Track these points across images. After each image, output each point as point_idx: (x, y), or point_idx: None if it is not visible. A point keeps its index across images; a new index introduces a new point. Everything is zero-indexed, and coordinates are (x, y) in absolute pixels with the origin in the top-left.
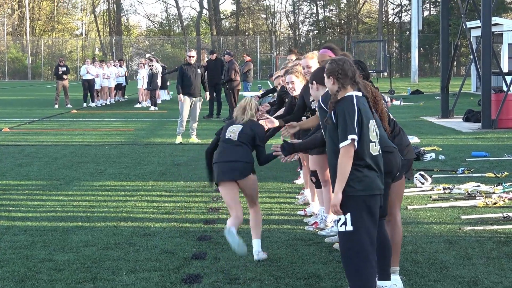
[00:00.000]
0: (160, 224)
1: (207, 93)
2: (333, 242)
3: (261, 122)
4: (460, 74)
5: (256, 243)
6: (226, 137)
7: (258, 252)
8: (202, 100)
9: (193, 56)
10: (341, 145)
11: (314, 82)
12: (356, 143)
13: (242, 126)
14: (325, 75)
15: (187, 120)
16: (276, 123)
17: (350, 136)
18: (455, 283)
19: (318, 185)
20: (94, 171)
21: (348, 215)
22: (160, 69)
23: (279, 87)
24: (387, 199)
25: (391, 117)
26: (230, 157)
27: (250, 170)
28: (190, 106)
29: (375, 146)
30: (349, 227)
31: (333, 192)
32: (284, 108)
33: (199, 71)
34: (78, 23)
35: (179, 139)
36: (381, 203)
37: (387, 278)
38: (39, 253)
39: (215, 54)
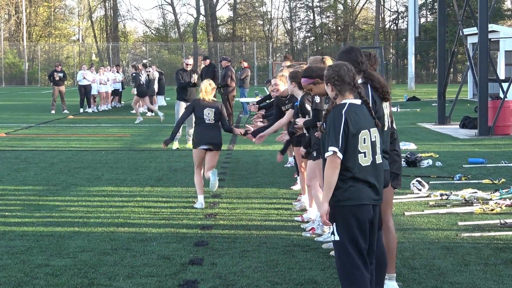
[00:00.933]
0: (157, 230)
1: None
2: (330, 248)
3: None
4: (456, 81)
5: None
6: (206, 122)
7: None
8: None
9: (190, 64)
10: (325, 155)
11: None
12: (340, 154)
13: (214, 108)
14: (324, 81)
15: (183, 126)
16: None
17: (331, 148)
18: None
19: None
20: (90, 176)
21: (334, 225)
22: (156, 75)
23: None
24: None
25: (394, 127)
26: (213, 139)
27: (221, 145)
28: None
29: (365, 156)
30: (336, 237)
31: None
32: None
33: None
34: (75, 28)
35: (175, 145)
36: (375, 214)
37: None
38: (35, 258)
39: (208, 60)
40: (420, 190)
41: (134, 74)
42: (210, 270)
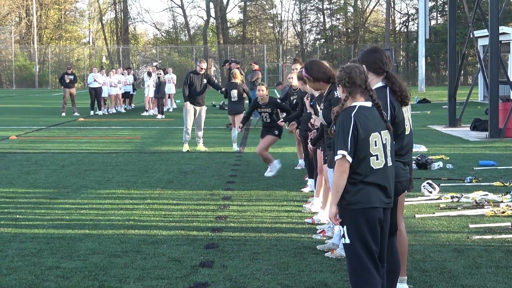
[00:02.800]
0: (168, 232)
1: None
2: (325, 249)
3: None
4: (467, 83)
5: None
6: (232, 99)
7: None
8: (206, 108)
9: (203, 68)
10: (335, 158)
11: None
12: (349, 158)
13: (236, 90)
14: (336, 82)
15: (192, 129)
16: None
17: (340, 152)
18: None
19: None
20: (101, 179)
21: (345, 228)
22: (174, 77)
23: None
24: (394, 215)
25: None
26: (236, 110)
27: (243, 111)
28: (195, 115)
29: (377, 159)
30: (347, 240)
31: None
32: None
33: (205, 81)
34: (85, 31)
35: (186, 147)
36: (386, 218)
37: None
38: (46, 260)
39: (227, 64)
40: (430, 192)
41: None
42: (220, 272)
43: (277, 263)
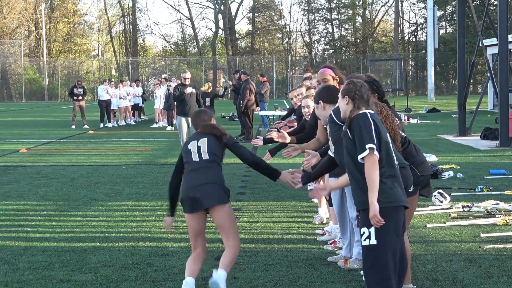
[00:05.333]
0: (178, 244)
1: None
2: (336, 260)
3: (273, 134)
4: (476, 92)
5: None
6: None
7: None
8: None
9: (188, 78)
10: (360, 156)
11: (320, 101)
12: (376, 152)
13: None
14: (340, 94)
15: None
16: (288, 139)
17: (368, 146)
18: None
19: (331, 203)
20: (111, 191)
21: (372, 229)
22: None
23: (297, 103)
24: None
25: (404, 134)
26: None
27: None
28: (188, 125)
29: (396, 158)
30: (373, 241)
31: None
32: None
33: (193, 90)
34: (94, 44)
35: None
36: (403, 217)
37: None
38: (57, 273)
39: (237, 74)
40: (441, 202)
41: None
42: (232, 284)
43: (288, 275)
